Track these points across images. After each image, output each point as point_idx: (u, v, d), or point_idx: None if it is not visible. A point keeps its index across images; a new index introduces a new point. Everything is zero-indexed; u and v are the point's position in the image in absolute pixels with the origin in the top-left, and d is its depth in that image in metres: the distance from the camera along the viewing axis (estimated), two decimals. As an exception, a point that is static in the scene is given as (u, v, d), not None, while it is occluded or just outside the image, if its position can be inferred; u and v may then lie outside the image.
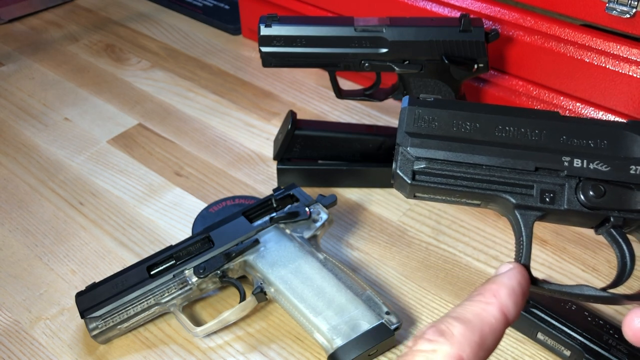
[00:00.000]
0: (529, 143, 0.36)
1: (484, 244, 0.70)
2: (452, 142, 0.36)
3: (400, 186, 0.37)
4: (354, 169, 0.76)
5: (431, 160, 0.36)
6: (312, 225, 0.64)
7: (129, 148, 0.85)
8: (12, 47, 1.07)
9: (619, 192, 0.35)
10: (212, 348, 0.60)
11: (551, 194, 0.35)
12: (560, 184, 0.35)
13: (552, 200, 0.35)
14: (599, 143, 0.35)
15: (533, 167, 0.35)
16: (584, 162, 0.35)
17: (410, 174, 0.36)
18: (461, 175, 0.36)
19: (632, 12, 0.65)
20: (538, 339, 0.59)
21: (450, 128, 0.36)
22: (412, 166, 0.36)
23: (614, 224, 0.35)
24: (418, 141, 0.36)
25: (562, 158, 0.35)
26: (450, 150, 0.36)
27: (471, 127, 0.36)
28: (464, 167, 0.36)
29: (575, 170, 0.35)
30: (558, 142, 0.35)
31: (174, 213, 0.75)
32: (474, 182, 0.36)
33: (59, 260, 0.69)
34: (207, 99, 0.94)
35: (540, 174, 0.35)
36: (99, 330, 0.58)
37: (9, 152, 0.84)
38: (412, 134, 0.36)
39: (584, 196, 0.35)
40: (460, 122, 0.36)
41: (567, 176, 0.35)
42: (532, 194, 0.36)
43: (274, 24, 0.68)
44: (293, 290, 0.59)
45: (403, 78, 0.72)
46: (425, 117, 0.36)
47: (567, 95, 0.74)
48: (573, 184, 0.35)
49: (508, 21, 0.75)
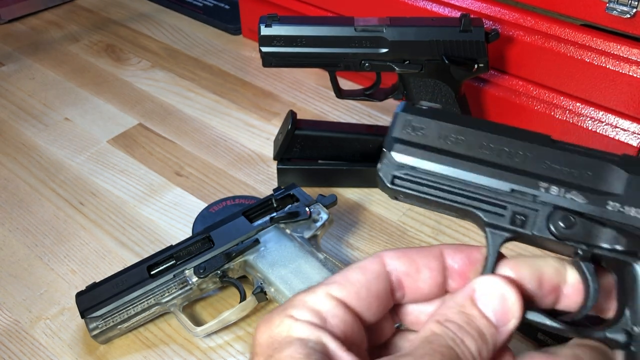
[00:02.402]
0: (510, 164, 0.36)
1: (483, 244, 0.70)
2: (434, 153, 0.36)
3: (382, 187, 0.37)
4: (354, 169, 0.76)
5: (411, 167, 0.36)
6: (312, 225, 0.64)
7: (129, 148, 0.85)
8: (12, 47, 1.07)
9: (589, 227, 0.34)
10: (213, 348, 0.60)
11: (523, 217, 0.35)
12: (534, 209, 0.35)
13: (523, 224, 0.35)
14: (583, 173, 0.35)
15: (509, 188, 0.35)
16: (560, 190, 0.35)
17: (390, 177, 0.36)
18: (438, 186, 0.36)
19: (633, 12, 0.65)
20: (538, 338, 0.59)
21: (436, 139, 0.36)
22: (393, 171, 0.36)
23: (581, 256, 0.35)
24: (402, 147, 0.36)
25: (540, 183, 0.35)
26: (430, 160, 0.36)
27: (456, 141, 0.36)
28: (441, 179, 0.36)
29: (550, 198, 0.35)
30: (540, 167, 0.35)
31: (174, 213, 0.75)
32: (450, 194, 0.36)
33: (59, 260, 0.69)
34: (207, 99, 0.94)
35: (515, 196, 0.35)
36: (99, 330, 0.59)
37: (10, 152, 0.84)
38: (397, 140, 0.36)
39: (553, 225, 0.35)
40: (447, 134, 0.36)
41: (542, 202, 0.35)
42: (503, 215, 0.36)
43: (274, 24, 0.68)
44: (293, 290, 0.59)
45: (403, 78, 0.72)
46: (414, 125, 0.36)
47: (567, 95, 0.74)
48: (546, 211, 0.35)
49: (508, 21, 0.75)
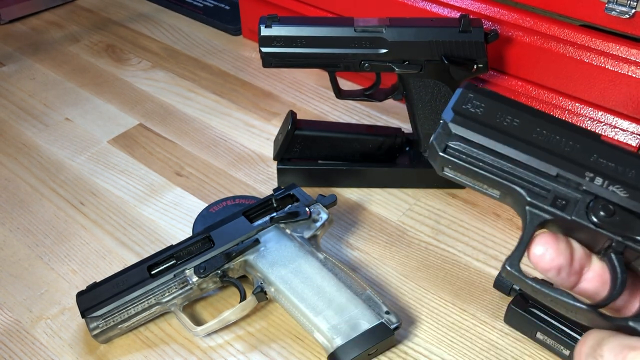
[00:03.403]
0: (560, 151, 0.37)
1: (483, 243, 0.70)
2: (489, 129, 0.38)
3: (432, 156, 0.39)
4: (354, 169, 0.76)
5: (465, 140, 0.38)
6: (312, 225, 0.64)
7: (130, 148, 0.85)
8: (12, 47, 1.07)
9: (628, 219, 0.36)
10: (213, 347, 0.60)
11: (564, 201, 0.37)
12: (576, 196, 0.36)
13: (563, 208, 0.37)
14: (627, 171, 0.36)
15: (555, 172, 0.37)
16: (605, 182, 0.36)
17: (443, 146, 0.38)
18: (488, 161, 0.38)
19: (632, 13, 0.65)
20: (537, 338, 0.59)
21: (494, 118, 0.38)
22: (447, 140, 0.38)
23: (614, 248, 0.36)
24: (460, 119, 0.38)
25: (585, 173, 0.36)
26: (485, 135, 0.38)
27: (511, 122, 0.38)
28: (492, 155, 0.38)
29: (593, 188, 0.36)
30: (587, 159, 0.37)
31: (175, 213, 0.75)
32: (498, 170, 0.38)
33: (60, 260, 0.69)
34: (207, 99, 0.94)
35: (560, 181, 0.37)
36: (100, 330, 0.59)
37: (10, 152, 0.85)
38: (457, 112, 0.38)
39: (593, 213, 0.36)
40: (504, 115, 0.38)
41: (585, 191, 0.36)
42: (546, 197, 0.37)
43: (274, 25, 0.69)
44: (293, 290, 0.59)
45: (403, 78, 0.72)
46: (474, 102, 0.38)
47: (567, 96, 0.75)
48: (588, 199, 0.36)
49: (507, 22, 0.75)
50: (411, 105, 0.73)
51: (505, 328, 0.61)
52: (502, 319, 0.62)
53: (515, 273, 0.37)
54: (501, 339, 0.61)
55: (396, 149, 0.76)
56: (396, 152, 0.76)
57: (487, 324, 0.62)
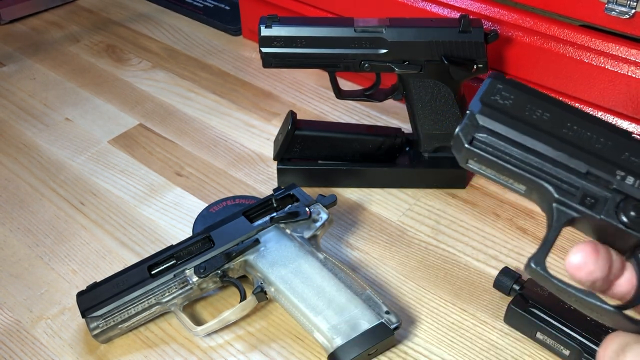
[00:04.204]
0: (590, 148, 0.36)
1: (483, 243, 0.70)
2: (518, 122, 0.37)
3: (456, 148, 0.38)
4: (354, 169, 0.76)
5: (493, 132, 0.37)
6: (312, 225, 0.64)
7: (130, 148, 0.85)
8: (13, 47, 1.07)
9: None
10: (213, 347, 0.61)
11: (593, 199, 0.36)
12: (605, 195, 0.35)
13: (592, 206, 0.35)
14: None
15: (585, 169, 0.36)
16: (636, 181, 0.35)
17: (470, 138, 0.37)
18: (516, 155, 0.37)
19: (631, 13, 0.65)
20: (537, 338, 0.59)
21: (523, 110, 0.37)
22: (473, 132, 0.37)
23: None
24: (488, 111, 0.37)
25: (617, 171, 0.35)
26: (514, 128, 0.36)
27: (541, 116, 0.37)
28: (520, 149, 0.36)
29: (624, 187, 0.35)
30: (618, 157, 0.36)
31: (175, 213, 0.75)
32: (526, 165, 0.36)
33: (60, 260, 0.69)
34: (207, 99, 0.94)
35: (589, 179, 0.36)
36: (100, 330, 0.59)
37: (10, 152, 0.85)
38: (485, 103, 0.37)
39: (623, 212, 0.35)
40: (534, 108, 0.37)
41: (615, 190, 0.35)
42: (575, 194, 0.36)
43: (274, 25, 0.69)
44: (293, 290, 0.59)
45: (403, 79, 0.72)
46: (503, 93, 0.37)
47: (566, 96, 0.75)
48: (618, 198, 0.35)
49: (507, 22, 0.75)
50: (411, 106, 0.73)
51: (505, 328, 0.61)
52: (502, 319, 0.62)
53: (541, 272, 0.36)
54: (501, 339, 0.61)
55: (396, 149, 0.76)
56: (396, 152, 0.76)
57: (487, 324, 0.62)
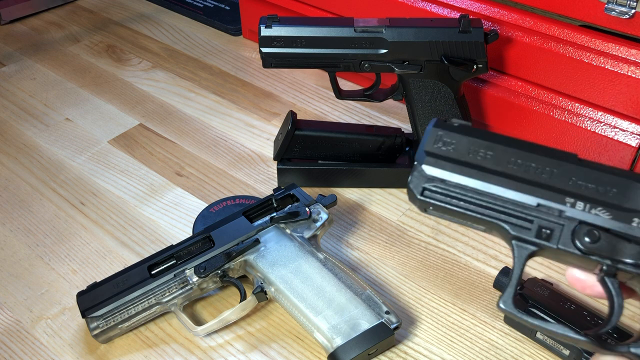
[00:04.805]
0: (538, 179, 0.36)
1: (483, 243, 0.70)
2: (464, 166, 0.37)
3: (411, 199, 0.39)
4: (354, 169, 0.76)
5: (441, 180, 0.37)
6: (312, 225, 0.64)
7: (130, 148, 0.85)
8: (13, 47, 1.07)
9: (614, 242, 0.35)
10: (213, 347, 0.61)
11: (549, 230, 0.36)
12: (560, 224, 0.36)
13: (548, 237, 0.36)
14: (608, 191, 0.35)
15: (535, 202, 0.36)
16: (586, 206, 0.35)
17: (420, 189, 0.38)
18: (467, 199, 0.37)
19: (631, 13, 0.65)
20: (537, 338, 0.59)
21: (466, 154, 0.37)
22: (423, 183, 0.38)
23: (606, 272, 0.36)
24: (432, 161, 0.38)
25: (566, 199, 0.36)
26: (460, 174, 0.37)
27: (485, 156, 0.37)
28: (470, 192, 0.37)
29: (575, 213, 0.36)
30: (566, 183, 0.36)
31: (175, 213, 0.75)
32: (479, 207, 0.37)
33: (60, 260, 0.69)
34: (207, 100, 0.94)
35: (541, 210, 0.36)
36: (100, 330, 0.59)
37: (11, 152, 0.85)
38: (429, 153, 0.38)
39: (578, 240, 0.35)
40: (477, 149, 0.37)
41: (568, 217, 0.36)
42: (530, 228, 0.36)
43: (274, 25, 0.69)
44: (293, 290, 0.59)
45: (402, 79, 0.72)
46: (445, 140, 0.38)
47: (566, 96, 0.75)
48: (572, 226, 0.36)
49: (507, 22, 0.75)
50: (411, 106, 0.74)
51: (505, 328, 0.61)
52: (502, 319, 0.62)
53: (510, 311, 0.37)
54: (501, 338, 0.61)
55: (396, 149, 0.76)
56: (396, 152, 0.76)
57: (487, 324, 0.62)
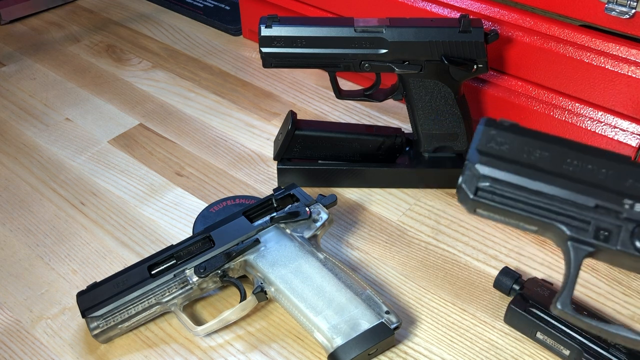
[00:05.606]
0: (594, 180, 0.36)
1: (483, 243, 0.70)
2: (519, 166, 0.37)
3: (462, 199, 0.38)
4: (354, 169, 0.76)
5: (495, 180, 0.37)
6: (312, 225, 0.64)
7: (130, 148, 0.85)
8: (13, 47, 1.07)
9: None
10: (213, 347, 0.61)
11: (606, 232, 0.36)
12: (618, 225, 0.36)
13: (606, 239, 0.36)
14: None
15: (593, 204, 0.36)
16: None
17: (474, 189, 0.37)
18: (522, 199, 0.37)
19: (632, 13, 0.65)
20: (537, 338, 0.59)
21: (521, 153, 0.37)
22: (476, 182, 0.37)
23: None
24: (486, 160, 0.37)
25: (624, 200, 0.35)
26: (515, 174, 0.37)
27: (540, 156, 0.37)
28: (526, 192, 0.37)
29: (634, 215, 0.35)
30: (623, 185, 0.36)
31: (175, 213, 0.75)
32: (534, 208, 0.37)
33: (60, 260, 0.69)
34: (207, 100, 0.94)
35: (599, 211, 0.36)
36: (100, 330, 0.59)
37: (10, 152, 0.85)
38: (482, 152, 0.37)
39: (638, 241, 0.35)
40: (531, 149, 0.37)
41: (626, 219, 0.35)
42: (587, 229, 0.36)
43: (274, 25, 0.69)
44: (293, 290, 0.59)
45: (403, 79, 0.72)
46: (498, 139, 0.37)
47: (566, 96, 0.75)
48: (630, 227, 0.35)
49: (507, 22, 0.75)
50: (411, 105, 0.73)
51: (505, 328, 0.61)
52: (502, 319, 0.62)
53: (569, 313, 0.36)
54: (501, 338, 0.61)
55: (396, 149, 0.76)
56: (396, 152, 0.76)
57: (487, 324, 0.62)
